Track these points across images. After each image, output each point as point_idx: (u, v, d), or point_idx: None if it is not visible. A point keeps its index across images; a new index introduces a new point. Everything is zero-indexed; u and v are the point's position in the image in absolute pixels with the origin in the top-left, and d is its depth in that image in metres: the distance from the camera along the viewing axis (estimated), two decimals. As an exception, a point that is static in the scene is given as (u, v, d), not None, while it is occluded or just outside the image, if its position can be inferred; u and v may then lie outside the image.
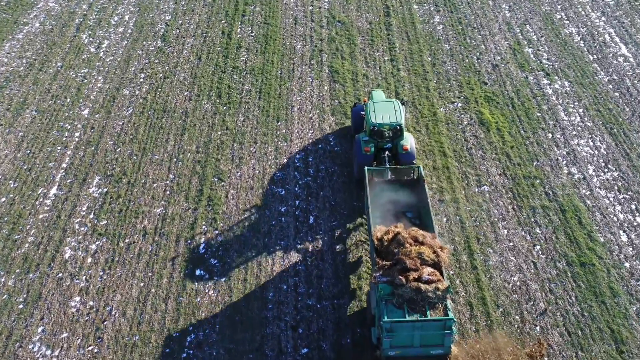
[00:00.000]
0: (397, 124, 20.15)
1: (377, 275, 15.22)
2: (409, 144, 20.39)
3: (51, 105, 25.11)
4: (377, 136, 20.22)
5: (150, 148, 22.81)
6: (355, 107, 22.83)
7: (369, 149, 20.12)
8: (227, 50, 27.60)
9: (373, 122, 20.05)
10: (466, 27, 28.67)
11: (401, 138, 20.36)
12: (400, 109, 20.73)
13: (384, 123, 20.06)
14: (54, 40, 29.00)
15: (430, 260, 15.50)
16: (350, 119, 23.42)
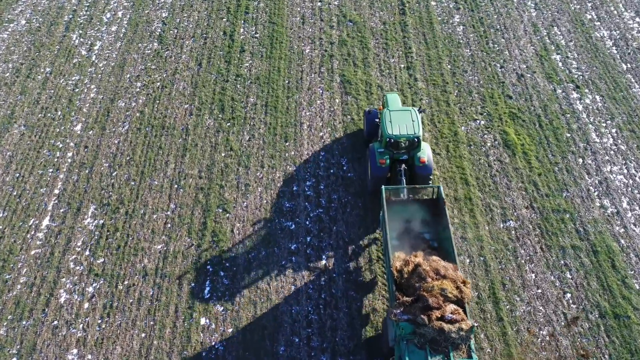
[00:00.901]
0: (415, 136, 18.98)
1: (398, 312, 14.40)
2: (426, 155, 19.26)
3: (41, 120, 23.30)
4: (393, 148, 18.92)
5: (148, 172, 21.24)
6: (369, 113, 21.16)
7: (385, 161, 19.06)
8: (230, 55, 25.55)
9: (389, 133, 18.93)
10: (488, 28, 26.50)
11: (418, 149, 19.04)
12: (418, 118, 19.28)
13: (400, 135, 18.90)
14: (42, 40, 26.80)
15: (453, 297, 14.90)
16: (363, 123, 21.93)
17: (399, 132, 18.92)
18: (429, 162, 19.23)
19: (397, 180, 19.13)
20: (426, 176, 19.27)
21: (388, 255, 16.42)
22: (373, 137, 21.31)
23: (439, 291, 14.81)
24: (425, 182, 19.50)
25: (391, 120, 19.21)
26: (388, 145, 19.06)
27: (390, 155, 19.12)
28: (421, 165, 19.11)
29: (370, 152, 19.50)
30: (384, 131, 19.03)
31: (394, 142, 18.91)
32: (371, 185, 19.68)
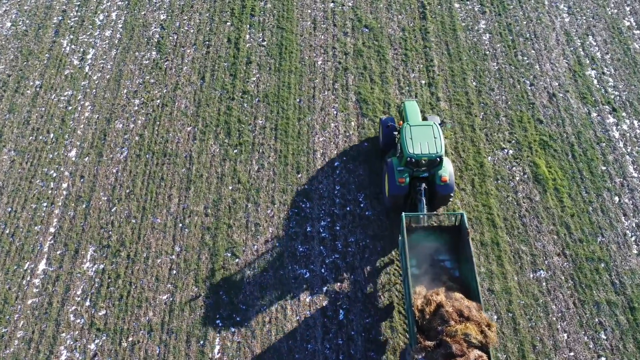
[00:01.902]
0: (437, 155, 17.89)
1: (420, 358, 14.05)
2: (447, 173, 18.18)
3: (32, 143, 21.52)
4: (413, 166, 17.97)
5: (150, 208, 19.76)
6: (387, 126, 19.56)
7: (404, 180, 18.04)
8: (236, 67, 23.40)
9: (410, 152, 17.83)
10: (517, 37, 24.30)
11: (439, 167, 18.04)
12: (440, 134, 18.29)
13: (422, 154, 17.78)
14: (30, 47, 24.55)
15: (478, 342, 14.31)
16: (379, 132, 20.59)
17: (420, 151, 17.78)
18: (450, 180, 18.17)
19: (416, 199, 17.97)
20: (447, 195, 18.40)
21: (408, 289, 15.67)
22: (389, 148, 19.93)
23: (463, 336, 14.18)
24: (445, 201, 18.55)
25: (412, 136, 18.04)
26: (408, 164, 17.82)
27: (409, 172, 18.07)
28: (442, 185, 18.06)
29: (389, 167, 18.28)
30: (404, 149, 17.92)
31: (414, 161, 17.71)
32: (389, 202, 18.86)
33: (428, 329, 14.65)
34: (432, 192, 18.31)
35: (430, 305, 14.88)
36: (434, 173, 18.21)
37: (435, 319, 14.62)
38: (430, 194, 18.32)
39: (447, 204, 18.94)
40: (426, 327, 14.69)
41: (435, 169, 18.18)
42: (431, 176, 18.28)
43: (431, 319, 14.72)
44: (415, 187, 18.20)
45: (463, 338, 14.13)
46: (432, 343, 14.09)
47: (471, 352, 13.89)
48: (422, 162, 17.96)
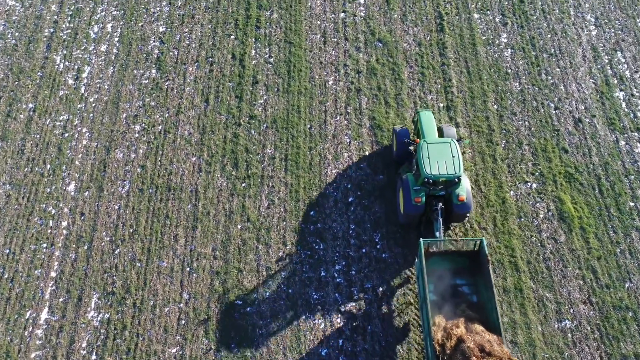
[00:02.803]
0: (456, 176, 17.23)
1: None
2: (465, 192, 17.67)
3: (28, 176, 20.31)
4: (430, 186, 17.48)
5: (156, 249, 18.79)
6: (403, 142, 18.70)
7: (420, 200, 17.51)
8: (241, 87, 21.84)
9: (427, 173, 17.20)
10: (541, 52, 22.74)
11: (457, 186, 17.50)
12: (459, 153, 17.58)
13: (440, 175, 17.16)
14: (21, 64, 22.83)
15: None
16: (392, 143, 19.73)
17: (438, 172, 17.14)
18: (468, 199, 17.66)
19: (432, 217, 17.77)
20: (464, 214, 18.04)
21: (427, 318, 15.30)
22: (403, 160, 19.12)
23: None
24: (462, 219, 18.27)
25: (429, 155, 17.36)
26: (425, 184, 17.40)
27: (426, 191, 17.56)
28: (459, 204, 17.56)
29: (404, 184, 17.92)
30: (421, 169, 17.29)
31: (432, 181, 17.22)
32: (403, 220, 18.43)
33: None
34: (449, 210, 17.90)
35: (451, 340, 14.66)
36: (451, 192, 17.62)
37: (456, 355, 14.39)
38: (446, 212, 17.73)
39: (463, 221, 18.37)
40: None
41: (452, 187, 17.57)
42: (448, 194, 17.69)
43: (452, 354, 14.47)
44: (432, 205, 17.74)
45: None
46: None
47: None
48: (439, 182, 17.31)
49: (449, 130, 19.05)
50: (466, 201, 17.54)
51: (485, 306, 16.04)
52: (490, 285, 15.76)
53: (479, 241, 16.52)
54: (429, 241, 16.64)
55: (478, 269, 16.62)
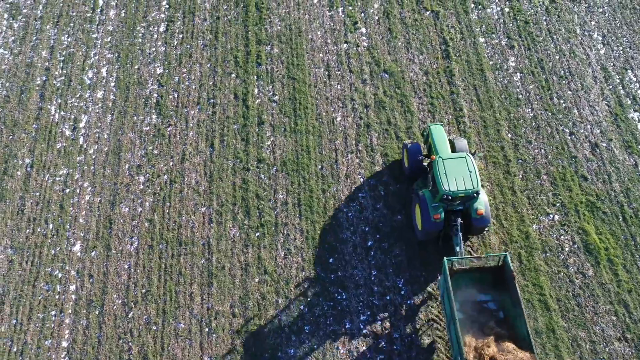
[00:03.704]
0: (474, 190, 17.13)
1: None
2: (483, 206, 17.57)
3: (30, 237, 19.40)
4: (448, 202, 17.38)
5: (171, 310, 17.99)
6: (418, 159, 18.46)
7: (439, 216, 17.35)
8: (247, 129, 21.04)
9: (445, 190, 17.03)
10: (550, 75, 22.24)
11: (475, 200, 17.48)
12: (475, 167, 17.46)
13: (458, 191, 17.00)
14: (14, 117, 21.81)
15: None
16: (403, 159, 19.81)
17: (457, 188, 17.01)
18: (486, 213, 17.60)
19: (451, 233, 17.66)
20: (483, 228, 17.97)
21: (457, 339, 14.99)
22: (416, 176, 18.87)
23: None
24: (481, 232, 18.26)
25: (446, 172, 17.22)
26: (444, 200, 17.27)
27: (444, 207, 17.45)
28: (478, 217, 17.48)
29: (421, 201, 17.75)
30: (439, 187, 17.15)
31: (451, 197, 17.08)
32: (422, 237, 18.22)
33: None
34: (468, 224, 17.85)
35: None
36: (469, 206, 17.52)
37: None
38: (465, 227, 17.87)
39: (481, 234, 18.23)
40: None
41: (470, 202, 17.46)
42: (466, 209, 17.60)
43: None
44: (450, 221, 17.66)
45: None
46: None
47: None
48: (458, 197, 17.18)
49: (460, 142, 18.99)
50: (485, 215, 17.44)
51: (514, 322, 15.79)
52: (518, 300, 15.53)
53: (503, 256, 16.33)
54: (453, 259, 16.38)
55: (503, 285, 16.38)
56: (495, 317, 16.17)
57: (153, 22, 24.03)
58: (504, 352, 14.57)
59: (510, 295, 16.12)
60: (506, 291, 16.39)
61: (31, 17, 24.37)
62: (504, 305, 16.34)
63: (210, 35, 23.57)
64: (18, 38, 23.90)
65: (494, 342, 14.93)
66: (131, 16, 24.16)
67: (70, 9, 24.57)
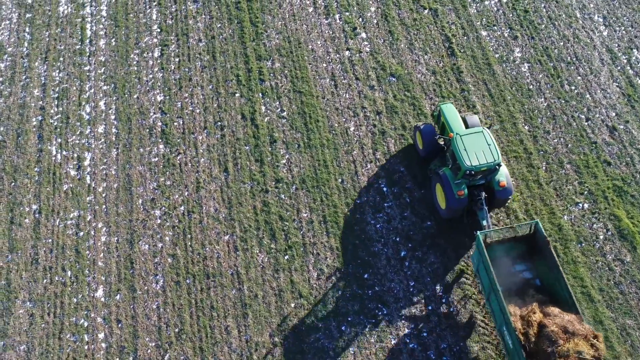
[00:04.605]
0: (496, 163, 17.15)
1: None
2: (505, 177, 17.70)
3: (48, 288, 18.52)
4: (470, 177, 17.45)
5: (208, 347, 17.23)
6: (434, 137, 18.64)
7: (463, 193, 17.48)
8: (259, 149, 20.36)
9: (468, 165, 17.06)
10: (558, 61, 22.02)
11: (496, 173, 17.59)
12: (493, 140, 17.49)
13: (480, 165, 17.04)
14: (14, 162, 20.82)
15: (591, 357, 14.17)
16: (415, 142, 19.69)
17: (478, 162, 17.05)
18: (508, 184, 17.74)
19: (476, 208, 17.75)
20: (505, 200, 18.07)
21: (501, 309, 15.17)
22: (431, 157, 18.88)
23: (576, 355, 14.09)
24: (504, 205, 18.37)
25: (465, 148, 17.28)
26: (466, 176, 17.35)
27: (466, 183, 17.58)
28: (501, 189, 17.59)
29: (443, 180, 17.77)
30: (461, 163, 17.17)
31: (474, 172, 17.17)
32: (446, 215, 18.25)
33: (535, 351, 14.43)
34: (491, 197, 17.97)
35: (533, 327, 14.67)
36: (491, 179, 17.61)
37: (541, 341, 14.41)
38: (488, 200, 17.92)
39: (504, 205, 18.55)
40: (533, 350, 14.43)
41: (491, 175, 17.53)
42: (488, 182, 17.72)
43: (537, 341, 14.49)
44: (474, 196, 17.77)
45: (577, 357, 14.01)
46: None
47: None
48: (480, 171, 17.28)
49: (472, 118, 18.97)
50: (507, 186, 17.58)
51: (552, 288, 15.92)
52: (555, 264, 15.68)
53: (534, 224, 16.46)
54: (486, 232, 16.43)
55: (536, 253, 16.54)
56: (532, 286, 16.32)
57: (146, 48, 23.29)
58: (550, 316, 14.79)
59: (546, 262, 16.16)
60: (541, 259, 16.42)
61: (17, 55, 23.48)
62: (540, 273, 16.44)
63: (207, 56, 22.88)
64: (6, 79, 22.91)
65: (538, 308, 15.10)
66: (122, 44, 23.46)
67: (57, 42, 23.77)
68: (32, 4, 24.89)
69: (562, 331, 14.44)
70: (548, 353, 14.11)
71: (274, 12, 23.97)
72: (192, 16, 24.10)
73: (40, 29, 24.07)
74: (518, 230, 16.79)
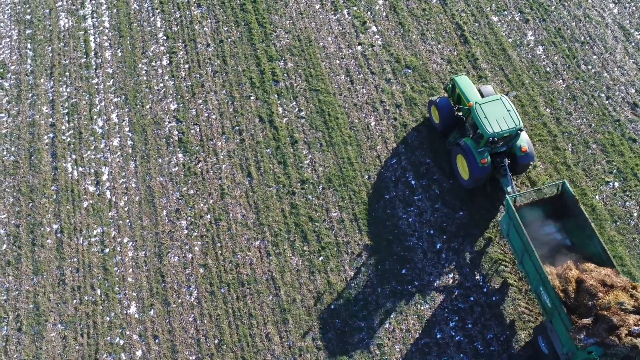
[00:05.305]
0: (518, 128, 17.35)
1: (582, 337, 13.90)
2: (526, 142, 17.98)
3: (79, 308, 17.94)
4: (493, 144, 17.71)
5: (251, 356, 16.68)
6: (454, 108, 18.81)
7: (486, 161, 17.65)
8: (281, 151, 19.95)
9: (491, 132, 17.21)
10: (572, 42, 21.95)
11: (517, 138, 17.78)
12: (512, 106, 17.67)
13: (503, 131, 17.20)
14: (29, 183, 20.23)
15: (631, 307, 14.22)
16: (432, 116, 19.66)
17: (500, 129, 17.23)
18: (530, 149, 17.99)
19: (500, 175, 17.91)
20: (527, 164, 18.28)
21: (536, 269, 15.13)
22: (449, 130, 18.94)
23: (616, 305, 14.15)
24: (525, 170, 18.57)
25: (486, 115, 17.41)
26: (489, 143, 17.56)
27: (489, 151, 17.78)
28: (523, 155, 17.81)
29: (466, 150, 17.90)
30: (484, 131, 17.31)
31: (497, 140, 17.45)
32: (470, 184, 18.34)
33: (575, 306, 14.55)
34: (513, 163, 18.10)
35: (571, 284, 14.72)
36: (512, 145, 17.81)
37: (582, 295, 14.49)
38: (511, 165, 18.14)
39: (526, 171, 18.77)
40: (574, 305, 14.57)
41: (512, 141, 17.72)
42: (509, 149, 17.90)
43: (576, 296, 14.59)
44: (497, 163, 17.88)
45: (618, 307, 14.06)
46: (589, 320, 14.04)
47: (629, 319, 13.92)
48: (502, 138, 17.49)
49: (486, 89, 19.24)
50: (529, 151, 17.81)
51: (585, 246, 15.89)
52: (586, 221, 15.74)
53: (562, 184, 16.50)
54: (516, 196, 16.43)
55: (564, 213, 16.53)
56: (564, 246, 16.29)
57: (154, 57, 22.78)
58: (586, 271, 14.84)
59: (576, 221, 16.17)
60: (569, 219, 16.41)
61: (21, 73, 22.83)
62: (570, 233, 16.47)
63: (217, 60, 22.46)
64: (12, 98, 22.29)
65: (574, 265, 15.14)
66: (129, 54, 22.92)
67: (62, 57, 23.15)
68: (31, 19, 24.35)
69: (601, 284, 14.55)
70: (589, 307, 14.22)
71: (280, 12, 23.67)
72: (197, 21, 23.72)
73: (42, 45, 23.53)
74: (545, 191, 16.80)
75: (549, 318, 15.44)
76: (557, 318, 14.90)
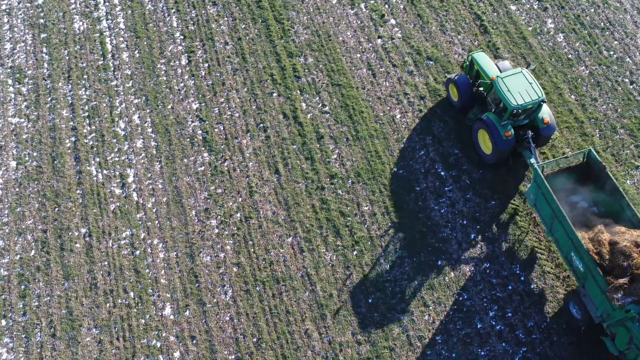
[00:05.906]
0: (541, 99, 17.62)
1: (620, 296, 14.17)
2: (548, 114, 18.21)
3: (113, 312, 17.75)
4: (516, 117, 17.85)
5: (291, 353, 16.48)
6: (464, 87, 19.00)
7: (510, 133, 17.84)
8: (307, 147, 19.81)
9: (515, 104, 17.41)
10: (592, 28, 21.98)
11: (539, 111, 18.09)
12: (533, 79, 17.87)
13: (526, 104, 17.46)
14: (54, 187, 19.83)
15: None
16: (451, 93, 19.86)
17: (524, 101, 17.45)
18: (552, 121, 18.21)
19: (523, 148, 18.03)
20: (549, 136, 18.50)
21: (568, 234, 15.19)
22: (468, 107, 19.09)
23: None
24: (547, 142, 18.81)
25: (509, 89, 17.62)
26: (513, 116, 17.69)
27: (511, 124, 17.96)
28: (545, 126, 18.02)
29: (488, 125, 18.02)
30: (507, 104, 17.50)
31: (520, 112, 17.55)
32: (494, 158, 18.56)
33: (610, 268, 14.70)
34: (536, 135, 18.25)
35: (604, 246, 14.88)
36: (534, 118, 18.02)
37: (616, 257, 14.62)
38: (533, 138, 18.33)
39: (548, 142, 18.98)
40: (608, 267, 14.72)
41: (534, 113, 17.95)
42: (531, 121, 18.11)
43: (611, 258, 14.72)
44: (521, 136, 18.02)
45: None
46: (625, 280, 14.19)
47: None
48: (524, 110, 17.62)
49: (504, 64, 19.44)
50: (551, 122, 18.04)
51: (613, 212, 16.00)
52: (615, 186, 15.91)
53: (587, 151, 16.71)
54: (544, 165, 16.60)
55: (591, 181, 16.64)
56: (592, 213, 16.39)
57: (172, 57, 22.57)
58: (618, 234, 15.00)
59: (603, 187, 16.29)
60: (596, 186, 16.52)
61: (39, 78, 22.57)
62: (597, 201, 16.50)
63: (237, 58, 22.29)
64: (31, 102, 22.03)
65: (604, 229, 15.31)
66: (147, 55, 22.70)
67: (79, 60, 22.88)
68: (45, 23, 24.07)
69: (634, 245, 14.64)
70: (624, 267, 14.32)
71: (297, 8, 23.50)
72: (214, 19, 23.54)
73: (58, 48, 23.27)
74: (571, 159, 16.98)
75: (581, 283, 15.51)
76: (590, 281, 15.03)
